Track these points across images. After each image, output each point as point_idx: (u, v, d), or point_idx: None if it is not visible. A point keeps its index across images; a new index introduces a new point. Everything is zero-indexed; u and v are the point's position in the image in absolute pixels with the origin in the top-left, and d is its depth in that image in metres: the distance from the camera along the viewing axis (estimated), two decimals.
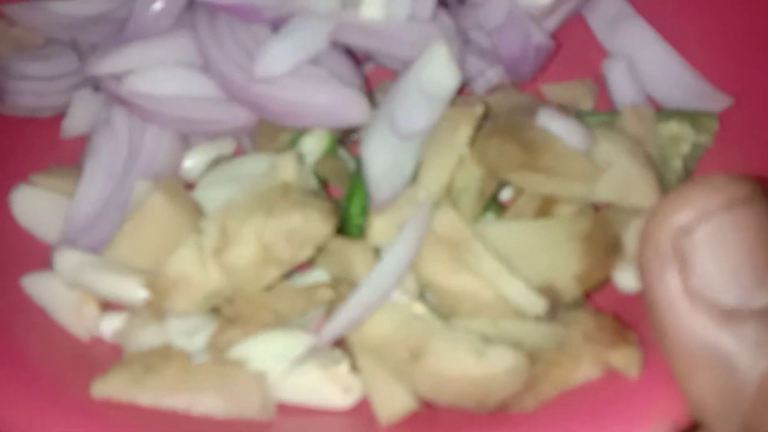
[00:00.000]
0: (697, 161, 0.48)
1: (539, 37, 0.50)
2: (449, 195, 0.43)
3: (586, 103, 0.53)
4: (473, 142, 0.43)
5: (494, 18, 0.50)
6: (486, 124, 0.45)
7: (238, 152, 0.52)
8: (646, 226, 0.33)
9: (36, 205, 0.49)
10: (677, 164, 0.48)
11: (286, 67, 0.45)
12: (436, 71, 0.46)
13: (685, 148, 0.48)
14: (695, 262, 0.32)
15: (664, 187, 0.45)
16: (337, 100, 0.45)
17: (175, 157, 0.50)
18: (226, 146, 0.52)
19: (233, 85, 0.46)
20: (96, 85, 0.53)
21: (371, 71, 0.56)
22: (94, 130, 0.51)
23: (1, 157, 0.52)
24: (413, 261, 0.40)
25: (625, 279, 0.42)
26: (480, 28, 0.52)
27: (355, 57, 0.52)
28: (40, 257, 0.48)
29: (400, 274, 0.39)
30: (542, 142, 0.42)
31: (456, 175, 0.43)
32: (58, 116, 0.54)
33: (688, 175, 0.48)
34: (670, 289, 0.32)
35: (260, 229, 0.41)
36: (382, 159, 0.44)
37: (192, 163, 0.51)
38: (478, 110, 0.44)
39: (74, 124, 0.54)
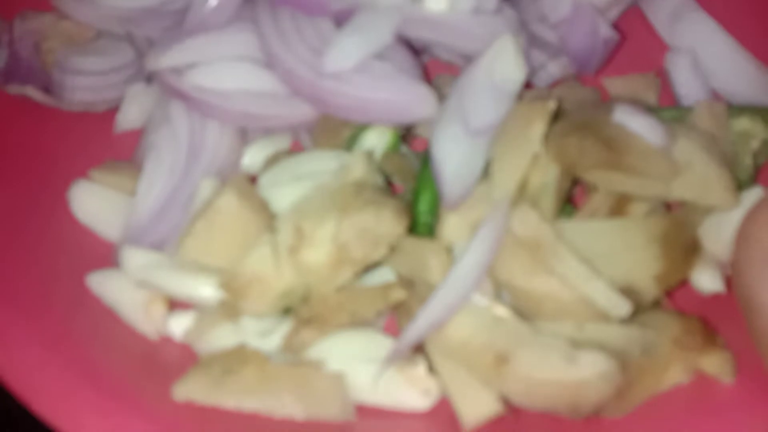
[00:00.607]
0: (766, 157, 0.48)
1: (606, 30, 0.49)
2: (525, 194, 0.42)
3: (649, 97, 0.53)
4: (546, 138, 0.43)
5: (561, 11, 0.49)
6: (558, 120, 0.44)
7: (295, 147, 0.52)
8: (747, 228, 0.33)
9: (95, 202, 0.49)
10: (747, 160, 0.47)
11: (354, 62, 0.44)
12: (504, 65, 0.46)
13: (755, 144, 0.47)
14: None
15: (737, 183, 0.44)
16: (406, 96, 0.45)
17: (236, 152, 0.50)
18: (283, 141, 0.51)
19: (299, 81, 0.46)
20: (149, 78, 0.52)
21: (426, 63, 0.55)
22: (151, 126, 0.50)
23: (57, 152, 0.51)
24: (491, 262, 0.39)
25: (704, 280, 0.41)
26: (542, 21, 0.51)
27: (414, 49, 0.51)
28: (101, 254, 0.47)
29: (479, 276, 0.39)
30: (622, 139, 0.41)
31: (531, 173, 0.42)
32: (111, 110, 0.53)
33: (757, 171, 0.48)
34: None
35: (335, 229, 0.40)
36: (454, 156, 0.43)
37: (251, 158, 0.51)
38: (551, 105, 0.43)
39: (128, 118, 0.53)
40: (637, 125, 0.41)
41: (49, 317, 0.44)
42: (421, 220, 0.45)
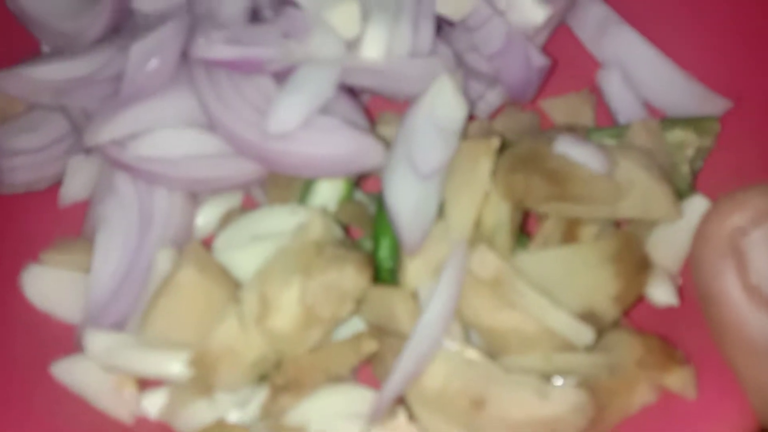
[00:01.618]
0: (702, 162, 0.50)
1: (538, 59, 0.50)
2: (480, 232, 0.43)
3: (586, 114, 0.54)
4: (493, 174, 0.44)
5: (493, 43, 0.50)
6: (503, 155, 0.45)
7: (247, 202, 0.52)
8: (704, 227, 0.35)
9: (49, 285, 0.48)
10: (685, 169, 0.49)
11: (299, 121, 0.44)
12: (444, 105, 0.46)
13: (690, 152, 0.50)
14: (752, 260, 0.34)
15: (677, 194, 0.46)
16: (353, 148, 0.45)
17: (188, 216, 0.49)
18: (234, 199, 0.51)
19: (244, 143, 0.45)
20: (88, 149, 0.51)
21: (368, 101, 0.55)
22: (97, 196, 0.49)
23: (3, 239, 0.50)
24: (456, 306, 0.40)
25: (659, 293, 0.43)
26: (475, 50, 0.52)
27: (353, 90, 0.51)
28: (62, 337, 0.46)
29: (447, 321, 0.40)
30: (565, 170, 0.42)
31: (484, 211, 0.43)
32: (53, 185, 0.52)
33: (695, 176, 0.50)
34: (729, 285, 0.34)
35: (300, 292, 0.40)
36: (408, 203, 0.44)
37: (204, 219, 0.50)
38: (495, 143, 0.44)
39: (72, 191, 0.52)
40: (578, 154, 0.43)
41: (16, 410, 0.43)
42: (383, 266, 0.45)
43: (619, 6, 0.56)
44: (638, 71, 0.54)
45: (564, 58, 0.56)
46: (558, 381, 0.39)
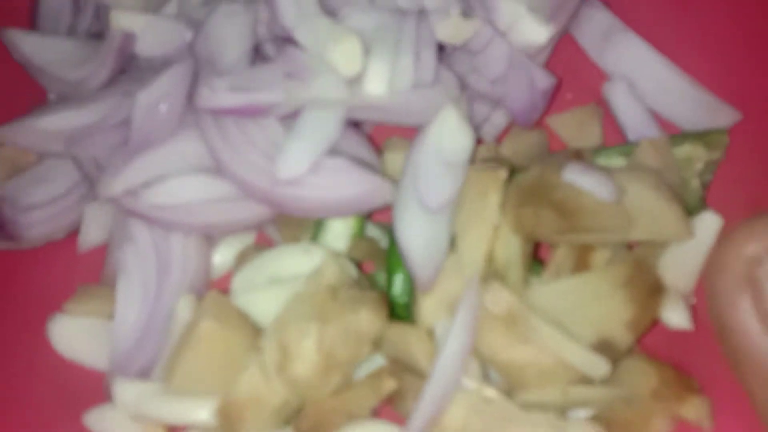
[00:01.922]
0: (712, 175, 0.50)
1: (542, 80, 0.50)
2: (492, 266, 0.43)
3: (594, 130, 0.54)
4: (502, 207, 0.44)
5: (495, 67, 0.50)
6: (511, 184, 0.45)
7: (260, 238, 0.52)
8: (719, 257, 0.36)
9: (75, 334, 0.49)
10: (695, 184, 0.49)
11: (308, 164, 0.45)
12: (450, 136, 0.47)
13: (699, 166, 0.49)
14: (767, 288, 0.34)
15: (687, 209, 0.46)
16: (362, 189, 0.45)
17: (205, 258, 0.50)
18: (248, 237, 0.52)
19: (253, 188, 0.46)
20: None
21: (373, 129, 0.55)
22: (115, 245, 0.50)
23: (26, 291, 0.51)
24: (473, 344, 0.41)
25: (673, 317, 0.43)
26: (478, 72, 0.52)
27: (357, 122, 0.51)
28: (92, 385, 0.48)
29: (464, 359, 0.40)
30: (574, 201, 0.43)
31: (495, 245, 0.43)
32: (70, 233, 0.53)
33: (705, 189, 0.50)
34: (745, 314, 0.35)
35: (318, 339, 0.41)
36: (419, 238, 0.44)
37: (220, 259, 0.51)
38: (503, 174, 0.44)
39: (90, 237, 0.53)
40: (586, 183, 0.43)
41: None
42: (397, 302, 0.46)
43: (624, 13, 0.55)
44: (644, 81, 0.53)
45: (569, 70, 0.56)
46: (575, 414, 0.40)
